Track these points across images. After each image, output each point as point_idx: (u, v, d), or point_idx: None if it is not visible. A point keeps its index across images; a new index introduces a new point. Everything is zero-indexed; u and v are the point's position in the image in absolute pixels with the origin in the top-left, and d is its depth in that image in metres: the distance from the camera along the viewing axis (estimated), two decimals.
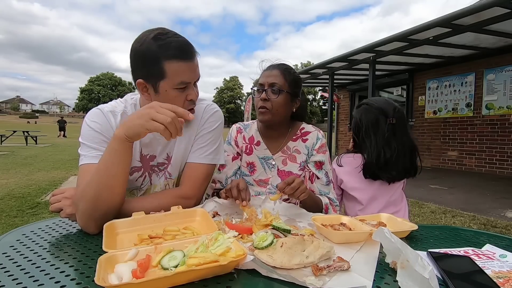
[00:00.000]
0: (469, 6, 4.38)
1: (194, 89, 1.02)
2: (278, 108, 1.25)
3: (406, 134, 1.41)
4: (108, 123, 1.01)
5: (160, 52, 0.93)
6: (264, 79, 1.27)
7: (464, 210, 3.82)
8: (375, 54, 6.30)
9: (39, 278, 0.58)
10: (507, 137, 6.29)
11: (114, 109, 1.04)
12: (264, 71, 1.31)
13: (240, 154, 1.39)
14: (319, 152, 1.32)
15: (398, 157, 1.35)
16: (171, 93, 0.97)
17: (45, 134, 18.50)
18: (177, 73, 0.96)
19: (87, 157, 0.95)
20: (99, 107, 1.05)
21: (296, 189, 1.02)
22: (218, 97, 68.06)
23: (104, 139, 0.97)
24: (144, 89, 1.00)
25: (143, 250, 0.64)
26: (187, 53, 0.97)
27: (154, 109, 0.81)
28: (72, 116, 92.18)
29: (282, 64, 1.31)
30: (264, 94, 1.24)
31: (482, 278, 0.60)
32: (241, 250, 0.62)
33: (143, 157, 1.10)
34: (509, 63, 6.22)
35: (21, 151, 10.76)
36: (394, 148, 1.35)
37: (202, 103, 1.19)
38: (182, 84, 0.98)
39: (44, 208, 3.69)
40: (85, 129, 0.99)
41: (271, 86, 1.24)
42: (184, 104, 1.01)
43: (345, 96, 10.65)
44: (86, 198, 0.84)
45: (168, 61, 0.94)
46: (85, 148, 0.97)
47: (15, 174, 6.02)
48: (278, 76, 1.25)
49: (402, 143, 1.38)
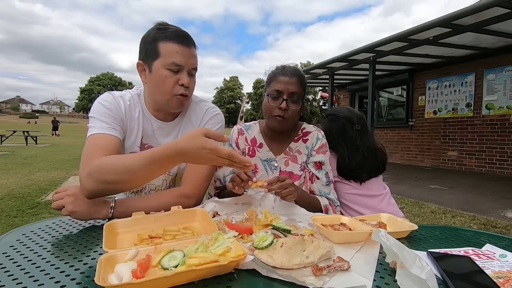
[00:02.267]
0: (469, 6, 4.38)
1: (187, 75, 1.04)
2: (294, 117, 1.24)
3: (369, 138, 1.57)
4: (117, 104, 1.08)
5: (157, 34, 1.02)
6: (283, 86, 1.20)
7: (464, 210, 3.82)
8: (375, 54, 6.30)
9: (39, 278, 0.58)
10: (507, 137, 6.29)
11: (123, 96, 1.13)
12: (280, 75, 1.23)
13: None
14: (319, 152, 1.32)
15: (366, 160, 1.48)
16: (162, 72, 1.02)
17: (45, 134, 18.51)
18: (170, 54, 1.01)
19: (96, 128, 1.00)
20: (110, 92, 1.13)
21: (284, 188, 1.02)
22: (218, 97, 68.08)
23: (113, 116, 1.04)
24: (142, 70, 1.07)
25: (143, 250, 0.64)
26: (182, 38, 1.03)
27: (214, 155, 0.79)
28: (72, 116, 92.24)
29: (298, 70, 1.27)
30: (284, 103, 1.19)
31: (482, 278, 0.60)
32: (241, 250, 0.62)
33: (142, 145, 1.14)
34: (509, 63, 6.21)
35: (21, 151, 10.76)
36: (362, 152, 1.49)
37: (204, 104, 1.22)
38: (174, 66, 1.01)
39: (44, 208, 3.68)
40: (96, 106, 1.05)
41: (290, 95, 1.20)
42: (175, 88, 1.04)
43: (345, 96, 10.65)
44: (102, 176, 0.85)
45: (163, 41, 1.01)
46: (95, 121, 1.02)
47: (15, 174, 6.02)
48: (297, 85, 1.21)
49: (368, 147, 1.52)
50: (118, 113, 1.06)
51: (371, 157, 1.50)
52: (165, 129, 1.16)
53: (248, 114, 42.62)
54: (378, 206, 1.46)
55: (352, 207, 1.46)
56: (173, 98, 1.05)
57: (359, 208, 1.45)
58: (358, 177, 1.48)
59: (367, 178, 1.50)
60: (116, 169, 0.85)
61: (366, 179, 1.49)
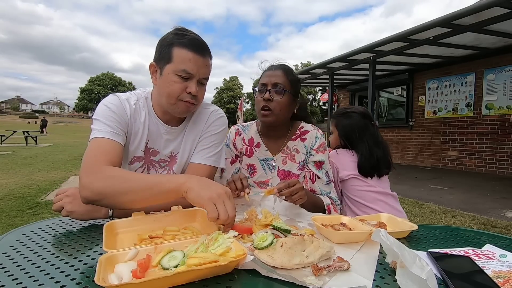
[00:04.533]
0: (469, 6, 4.38)
1: (196, 84, 1.03)
2: (281, 109, 1.23)
3: (380, 134, 1.61)
4: (123, 107, 1.06)
5: (174, 39, 1.02)
6: (267, 79, 1.24)
7: (464, 210, 3.82)
8: (375, 54, 6.29)
9: (39, 278, 0.58)
10: (507, 137, 6.29)
11: (129, 98, 1.11)
12: (266, 71, 1.29)
13: (239, 156, 1.38)
14: (319, 151, 1.32)
15: (385, 155, 1.52)
16: (171, 77, 1.01)
17: (45, 134, 18.49)
18: (182, 60, 1.00)
19: (100, 131, 0.98)
20: (115, 94, 1.11)
21: (294, 193, 1.02)
22: (218, 97, 68.05)
23: (118, 120, 1.03)
24: (154, 71, 1.07)
25: (143, 250, 0.64)
26: (198, 47, 1.02)
27: (224, 199, 0.79)
28: (72, 116, 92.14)
29: (284, 65, 1.30)
30: (267, 94, 1.22)
31: (482, 278, 0.60)
32: (241, 250, 0.62)
33: (147, 149, 1.13)
34: (509, 63, 6.21)
35: (21, 151, 10.76)
36: (382, 147, 1.52)
37: (209, 107, 1.23)
38: (185, 73, 1.01)
39: (44, 208, 3.68)
40: (101, 108, 1.04)
41: (274, 86, 1.22)
42: (182, 95, 1.03)
43: (345, 96, 10.65)
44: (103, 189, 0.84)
45: (178, 47, 1.01)
46: (99, 123, 1.00)
47: (15, 174, 6.02)
48: (281, 76, 1.24)
49: (383, 142, 1.56)
50: (123, 117, 1.05)
51: (386, 152, 1.53)
52: (172, 133, 1.16)
53: (248, 114, 42.60)
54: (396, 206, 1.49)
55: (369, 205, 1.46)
56: (179, 102, 1.04)
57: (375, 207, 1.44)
58: (379, 173, 1.50)
59: (387, 173, 1.54)
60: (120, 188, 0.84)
61: (385, 173, 1.53)
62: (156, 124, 1.13)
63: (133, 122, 1.09)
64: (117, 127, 1.01)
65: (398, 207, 1.51)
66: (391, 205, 1.47)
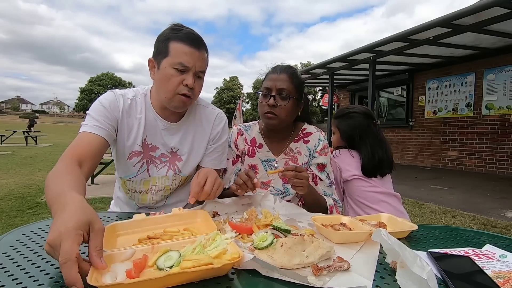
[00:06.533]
0: (469, 6, 4.38)
1: (192, 77, 1.05)
2: (286, 115, 1.21)
3: (382, 133, 1.60)
4: (116, 103, 1.09)
5: (170, 34, 1.05)
6: (272, 83, 1.20)
7: (464, 210, 3.82)
8: (375, 54, 6.29)
9: (39, 278, 0.58)
10: (507, 137, 6.29)
11: (125, 94, 1.13)
12: (270, 73, 1.24)
13: (240, 157, 1.37)
14: (321, 154, 1.31)
15: (387, 154, 1.52)
16: (168, 70, 1.04)
17: (45, 134, 18.48)
18: (178, 54, 1.03)
19: (87, 126, 1.02)
20: (112, 90, 1.15)
21: (297, 178, 1.02)
22: (218, 97, 68.05)
23: (108, 115, 1.05)
24: (152, 67, 1.10)
25: (140, 250, 0.64)
26: (193, 40, 1.05)
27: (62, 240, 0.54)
28: (72, 116, 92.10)
29: (289, 68, 1.25)
30: (272, 100, 1.18)
31: (482, 278, 0.60)
32: (236, 253, 0.61)
33: (145, 144, 1.15)
34: (509, 63, 6.21)
35: (21, 151, 10.75)
36: (384, 147, 1.52)
37: (213, 108, 1.26)
38: (181, 66, 1.03)
39: (44, 208, 3.68)
40: (95, 104, 1.08)
41: (279, 92, 1.19)
42: (178, 88, 1.05)
43: (345, 96, 10.65)
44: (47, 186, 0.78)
45: (174, 41, 1.03)
46: (88, 118, 1.04)
47: (15, 174, 6.02)
48: (286, 81, 1.19)
49: (385, 141, 1.55)
50: (114, 112, 1.07)
51: (388, 151, 1.53)
52: (171, 129, 1.17)
53: (248, 114, 42.60)
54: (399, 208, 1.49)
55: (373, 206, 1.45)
56: (176, 96, 1.06)
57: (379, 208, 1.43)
58: (382, 172, 1.50)
59: (389, 172, 1.54)
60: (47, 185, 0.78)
61: (388, 173, 1.53)
62: (154, 119, 1.14)
63: (126, 117, 1.10)
64: (104, 121, 1.03)
65: (401, 209, 1.50)
66: (394, 207, 1.46)
